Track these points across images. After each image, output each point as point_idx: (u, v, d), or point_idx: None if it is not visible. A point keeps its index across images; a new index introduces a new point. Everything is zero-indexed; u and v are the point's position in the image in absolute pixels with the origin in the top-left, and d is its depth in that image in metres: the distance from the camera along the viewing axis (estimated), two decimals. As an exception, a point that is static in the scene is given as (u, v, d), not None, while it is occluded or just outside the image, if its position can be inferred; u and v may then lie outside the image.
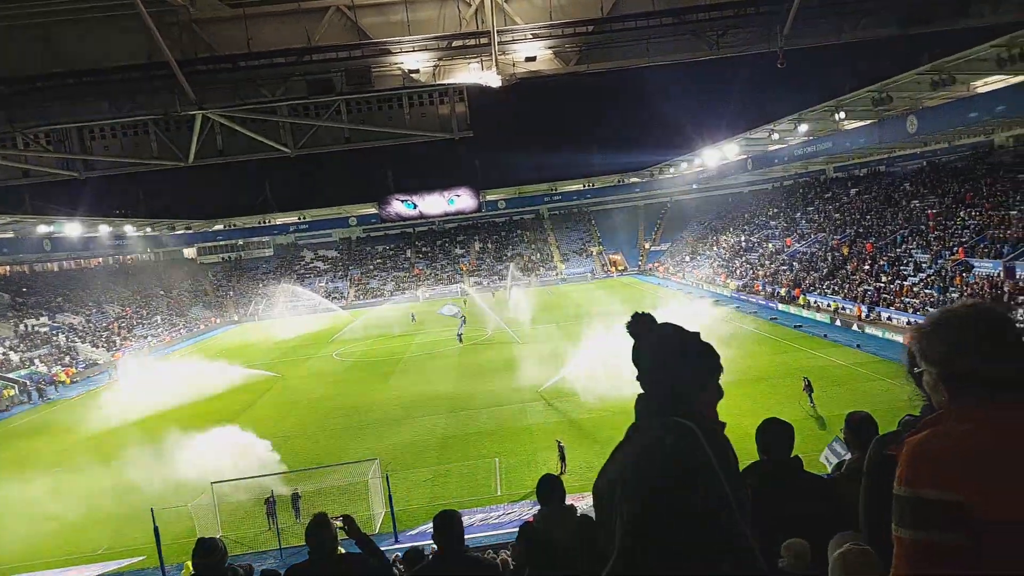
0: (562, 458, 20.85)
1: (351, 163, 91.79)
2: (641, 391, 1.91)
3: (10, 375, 44.87)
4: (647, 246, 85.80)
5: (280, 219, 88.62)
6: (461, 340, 44.94)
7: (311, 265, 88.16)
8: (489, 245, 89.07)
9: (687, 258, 73.16)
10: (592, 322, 34.26)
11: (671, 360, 1.89)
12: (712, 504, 1.64)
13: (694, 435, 1.72)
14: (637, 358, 1.92)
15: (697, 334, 1.94)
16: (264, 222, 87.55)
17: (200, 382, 35.54)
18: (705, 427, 1.77)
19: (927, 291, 35.87)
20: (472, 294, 60.65)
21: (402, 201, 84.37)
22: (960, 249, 37.04)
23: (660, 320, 1.98)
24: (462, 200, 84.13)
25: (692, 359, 1.90)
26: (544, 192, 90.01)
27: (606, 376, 25.91)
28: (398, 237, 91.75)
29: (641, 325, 1.95)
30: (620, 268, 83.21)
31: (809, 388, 24.54)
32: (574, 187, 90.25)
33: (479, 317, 50.39)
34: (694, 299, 51.48)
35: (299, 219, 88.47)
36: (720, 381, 1.93)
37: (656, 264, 79.34)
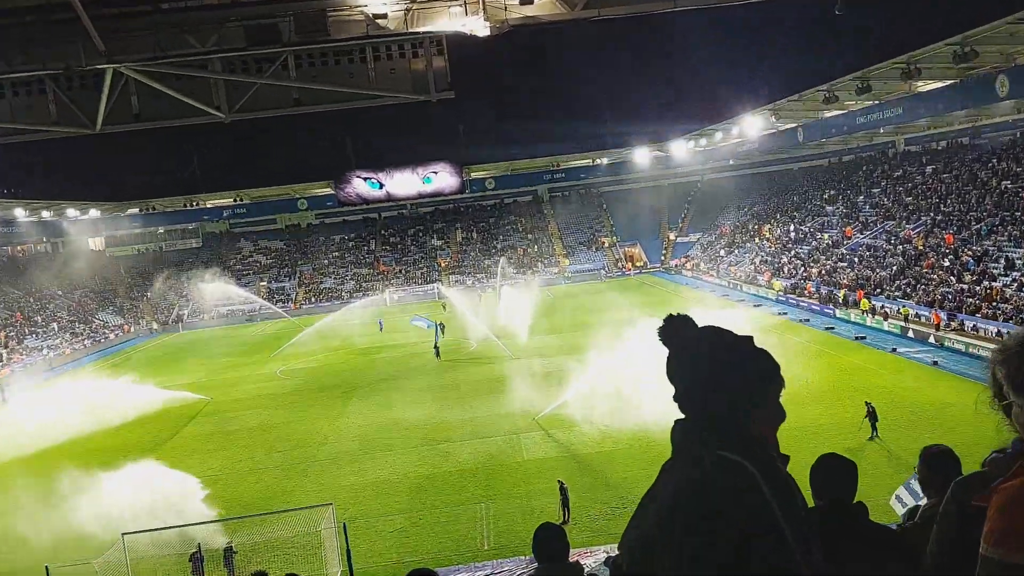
0: (564, 503, 20.84)
1: (301, 131, 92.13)
2: (679, 416, 1.89)
3: None
4: (672, 237, 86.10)
5: (211, 201, 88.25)
6: (439, 354, 44.97)
7: (250, 259, 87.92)
8: (474, 235, 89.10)
9: (722, 252, 73.46)
10: (603, 332, 34.24)
11: (717, 370, 1.85)
12: (757, 530, 1.63)
13: (746, 474, 1.70)
14: (673, 371, 1.89)
15: (749, 338, 1.91)
16: (191, 205, 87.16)
17: (109, 406, 35.31)
18: (761, 460, 1.74)
19: (1022, 294, 36.11)
20: (452, 297, 60.57)
21: (365, 179, 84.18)
22: (1062, 242, 37.37)
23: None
24: (440, 178, 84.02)
25: (744, 367, 1.87)
26: (543, 168, 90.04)
27: (620, 401, 25.88)
28: (360, 224, 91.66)
29: (678, 329, 1.93)
30: (638, 264, 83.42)
31: (873, 415, 24.66)
32: (581, 163, 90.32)
33: (462, 325, 50.34)
34: (731, 304, 51.59)
35: (235, 201, 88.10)
36: (781, 399, 1.90)
37: (683, 259, 79.63)
